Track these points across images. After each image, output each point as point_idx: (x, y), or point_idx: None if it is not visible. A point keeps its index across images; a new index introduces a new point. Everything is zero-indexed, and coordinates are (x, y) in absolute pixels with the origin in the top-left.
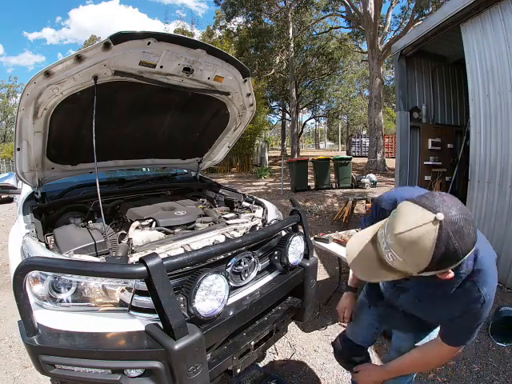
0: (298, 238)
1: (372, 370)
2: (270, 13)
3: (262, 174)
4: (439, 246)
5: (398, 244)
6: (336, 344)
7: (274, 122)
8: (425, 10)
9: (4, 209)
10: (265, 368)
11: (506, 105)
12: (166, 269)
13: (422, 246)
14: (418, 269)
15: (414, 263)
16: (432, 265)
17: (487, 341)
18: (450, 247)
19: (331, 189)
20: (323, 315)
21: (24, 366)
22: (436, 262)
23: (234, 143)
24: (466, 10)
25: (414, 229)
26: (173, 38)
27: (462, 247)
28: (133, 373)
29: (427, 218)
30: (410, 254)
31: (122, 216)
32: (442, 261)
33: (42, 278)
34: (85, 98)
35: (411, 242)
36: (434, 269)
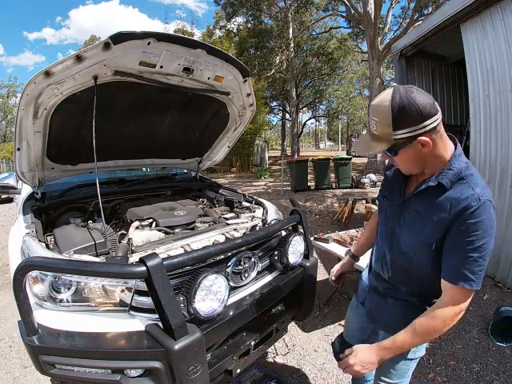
0: (298, 237)
1: (360, 350)
2: (270, 13)
3: (262, 173)
4: (394, 99)
5: (372, 110)
6: (334, 345)
7: (274, 122)
8: (425, 10)
9: (4, 209)
10: (265, 368)
11: (506, 105)
12: (166, 269)
13: (383, 103)
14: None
15: (383, 119)
16: (397, 119)
17: (487, 341)
18: (404, 103)
19: (331, 189)
20: (323, 315)
21: (24, 365)
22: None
23: (234, 143)
24: (465, 10)
25: (379, 97)
26: (173, 37)
27: (416, 106)
28: (133, 373)
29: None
30: (378, 112)
31: (122, 216)
32: (402, 115)
33: (41, 278)
34: (85, 98)
35: (377, 104)
36: (403, 126)
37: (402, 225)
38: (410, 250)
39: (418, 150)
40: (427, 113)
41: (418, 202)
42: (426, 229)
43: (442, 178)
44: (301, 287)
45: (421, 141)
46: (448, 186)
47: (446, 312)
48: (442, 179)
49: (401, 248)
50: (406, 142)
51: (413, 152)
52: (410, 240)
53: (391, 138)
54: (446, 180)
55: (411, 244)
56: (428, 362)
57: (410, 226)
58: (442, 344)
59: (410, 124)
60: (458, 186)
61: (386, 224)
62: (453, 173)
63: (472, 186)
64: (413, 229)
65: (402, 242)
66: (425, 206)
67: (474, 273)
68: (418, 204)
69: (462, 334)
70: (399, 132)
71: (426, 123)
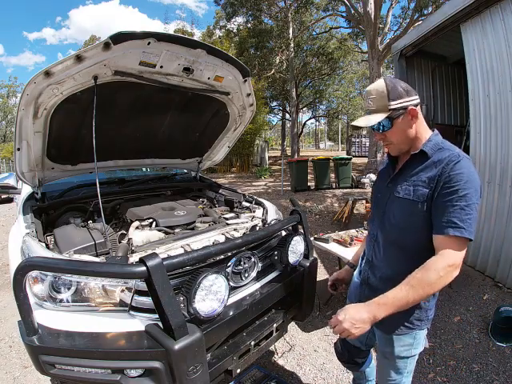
0: (298, 238)
1: (351, 306)
2: (270, 13)
3: (262, 173)
4: (386, 81)
5: (368, 92)
6: (336, 346)
7: (274, 122)
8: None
9: (4, 209)
10: (265, 368)
11: (506, 105)
12: (166, 269)
13: (378, 84)
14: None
15: (380, 94)
16: (391, 93)
17: (487, 341)
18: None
19: (331, 189)
20: (323, 315)
21: (24, 365)
22: (392, 90)
23: (234, 143)
24: (465, 9)
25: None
26: (173, 37)
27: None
28: (133, 373)
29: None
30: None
31: (122, 216)
32: (394, 90)
33: (41, 278)
34: (85, 98)
35: (373, 86)
36: (396, 97)
37: (392, 199)
38: (401, 219)
39: (408, 121)
40: (411, 91)
41: (405, 173)
42: (415, 188)
43: (424, 147)
44: (301, 287)
45: (411, 111)
46: (429, 153)
47: (439, 263)
48: (424, 147)
49: (391, 221)
50: (399, 111)
51: (405, 122)
52: (400, 206)
53: (387, 108)
54: (427, 148)
55: (401, 210)
56: (428, 362)
57: (400, 194)
58: (442, 344)
59: (400, 96)
60: (439, 152)
61: (378, 207)
62: (432, 143)
63: (451, 150)
64: (403, 193)
65: (393, 214)
66: (412, 173)
67: (463, 220)
68: (406, 174)
69: (462, 334)
70: (394, 102)
71: (412, 98)
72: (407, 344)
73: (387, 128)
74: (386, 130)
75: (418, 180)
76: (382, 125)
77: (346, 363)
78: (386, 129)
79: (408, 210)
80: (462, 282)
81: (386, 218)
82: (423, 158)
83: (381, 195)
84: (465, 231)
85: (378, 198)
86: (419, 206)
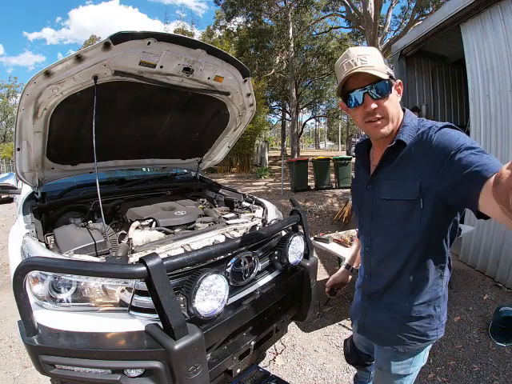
0: (298, 238)
1: None
2: (270, 13)
3: (262, 173)
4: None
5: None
6: (346, 347)
7: (274, 122)
8: (425, 9)
9: (4, 209)
10: (265, 368)
11: (506, 105)
12: (166, 269)
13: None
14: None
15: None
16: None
17: (487, 341)
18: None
19: (331, 189)
20: (323, 315)
21: (24, 365)
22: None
23: (234, 143)
24: (465, 9)
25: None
26: (173, 37)
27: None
28: (133, 373)
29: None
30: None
31: (122, 216)
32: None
33: (42, 278)
34: (85, 98)
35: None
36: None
37: (378, 203)
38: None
39: (396, 95)
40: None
41: (384, 170)
42: (402, 185)
43: (399, 136)
44: (301, 287)
45: (399, 84)
46: (407, 141)
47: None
48: (399, 137)
49: (382, 228)
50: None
51: (395, 95)
52: (390, 210)
53: (385, 71)
54: (403, 136)
55: (392, 214)
56: (428, 362)
57: (386, 196)
58: (442, 344)
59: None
60: (417, 137)
61: (362, 214)
62: (408, 128)
63: (428, 126)
64: (390, 194)
65: (382, 220)
66: (391, 168)
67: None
68: (386, 171)
69: (462, 334)
70: (388, 69)
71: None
72: (406, 362)
73: (385, 94)
74: (383, 95)
75: (402, 174)
76: (378, 89)
77: (354, 364)
78: (384, 95)
79: (401, 213)
80: (462, 282)
81: (374, 225)
82: (401, 146)
83: (362, 201)
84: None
85: (360, 204)
86: (414, 204)
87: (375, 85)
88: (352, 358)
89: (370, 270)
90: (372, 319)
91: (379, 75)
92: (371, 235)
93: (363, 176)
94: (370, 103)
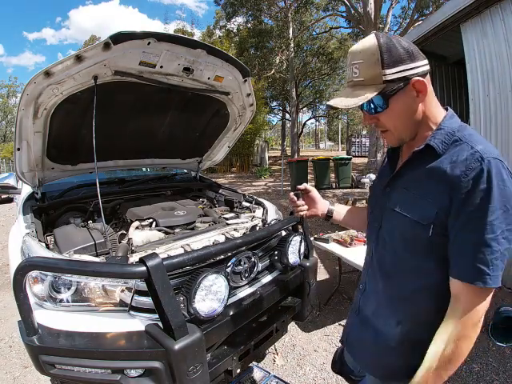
0: (298, 237)
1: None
2: (270, 13)
3: (262, 174)
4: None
5: (352, 54)
6: (336, 352)
7: (274, 122)
8: (425, 10)
9: (4, 209)
10: (265, 368)
11: (506, 105)
12: (165, 269)
13: (367, 43)
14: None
15: (369, 58)
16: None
17: (487, 341)
18: (391, 42)
19: (331, 189)
20: (323, 315)
21: (24, 365)
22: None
23: (234, 143)
24: (465, 10)
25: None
26: (173, 37)
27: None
28: (133, 373)
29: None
30: (362, 53)
31: (122, 216)
32: (391, 52)
33: (41, 278)
34: (85, 98)
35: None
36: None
37: (390, 212)
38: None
39: (412, 99)
40: (417, 53)
41: (405, 177)
42: (419, 203)
43: (431, 139)
44: (301, 287)
45: (416, 84)
46: (439, 149)
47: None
48: (431, 141)
49: (386, 241)
50: (399, 84)
51: (406, 101)
52: (398, 224)
53: (380, 79)
54: (435, 141)
55: (399, 230)
56: None
57: (397, 208)
58: None
59: (401, 61)
60: (453, 148)
61: (373, 218)
62: (443, 132)
63: (471, 145)
64: (402, 207)
65: (388, 232)
66: (414, 178)
67: (488, 263)
68: (406, 179)
69: None
70: (390, 71)
71: (419, 63)
72: None
73: (381, 109)
74: (379, 111)
75: (424, 191)
76: (372, 105)
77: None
78: (380, 110)
79: (407, 232)
80: None
81: (380, 234)
82: (431, 154)
83: (376, 202)
84: (490, 278)
85: (373, 206)
86: (423, 229)
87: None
88: (336, 366)
89: (365, 283)
90: (355, 337)
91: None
92: (375, 244)
93: (386, 174)
94: (365, 119)
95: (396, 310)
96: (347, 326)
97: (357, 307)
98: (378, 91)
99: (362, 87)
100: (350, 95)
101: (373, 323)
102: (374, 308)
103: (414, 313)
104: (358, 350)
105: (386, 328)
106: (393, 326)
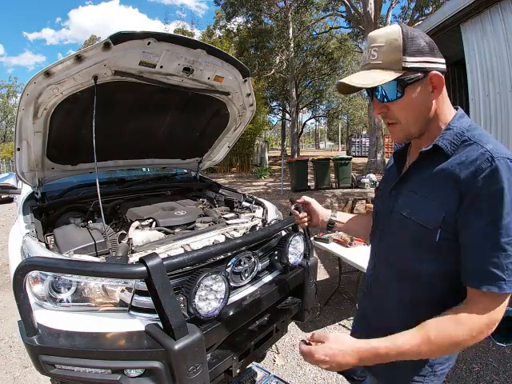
0: (298, 237)
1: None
2: (270, 13)
3: (262, 174)
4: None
5: (373, 38)
6: None
7: (274, 122)
8: (425, 9)
9: (4, 209)
10: (265, 368)
11: (506, 105)
12: (165, 269)
13: (390, 29)
14: (398, 50)
15: (391, 42)
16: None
17: (487, 341)
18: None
19: (331, 189)
20: (323, 315)
21: (24, 365)
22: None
23: (234, 143)
24: (465, 9)
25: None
26: (173, 37)
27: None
28: (133, 373)
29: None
30: (383, 36)
31: (122, 216)
32: (413, 41)
33: (42, 278)
34: (85, 98)
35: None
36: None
37: (395, 215)
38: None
39: (427, 94)
40: (436, 49)
41: (412, 179)
42: (426, 207)
43: (439, 140)
44: (301, 287)
45: (434, 78)
46: (447, 149)
47: (474, 321)
48: (439, 141)
49: (390, 243)
50: (417, 74)
51: (422, 94)
52: (404, 228)
53: (400, 66)
54: (443, 141)
55: (405, 234)
56: None
57: (403, 211)
58: None
59: (422, 53)
60: (463, 149)
61: (377, 219)
62: (452, 133)
63: (480, 144)
64: (408, 211)
65: (393, 235)
66: (421, 180)
67: (502, 267)
68: (413, 182)
69: None
70: (411, 59)
71: (438, 59)
72: None
73: (395, 96)
74: (392, 99)
75: (431, 194)
76: (387, 91)
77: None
78: (394, 98)
79: (413, 236)
80: None
81: (385, 236)
82: (440, 155)
83: (382, 206)
84: (505, 284)
85: (377, 207)
86: (429, 233)
87: (380, 86)
88: None
89: (369, 286)
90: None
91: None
92: (378, 246)
93: (392, 176)
94: (375, 107)
95: (402, 315)
96: (354, 330)
97: (362, 311)
98: (396, 76)
99: (380, 70)
100: (365, 76)
101: (379, 327)
102: (380, 312)
103: (421, 317)
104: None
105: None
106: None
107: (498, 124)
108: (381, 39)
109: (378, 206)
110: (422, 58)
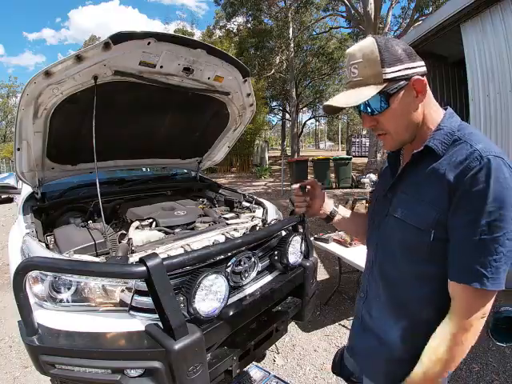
0: (298, 237)
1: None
2: (270, 13)
3: (262, 173)
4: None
5: (351, 55)
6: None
7: (274, 122)
8: (425, 9)
9: (4, 209)
10: (265, 368)
11: (506, 105)
12: (166, 269)
13: (365, 43)
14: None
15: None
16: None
17: (487, 341)
18: (389, 43)
19: (331, 189)
20: (323, 315)
21: (24, 365)
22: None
23: (234, 143)
24: (465, 9)
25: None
26: (173, 37)
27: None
28: (133, 373)
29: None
30: (360, 51)
31: (122, 216)
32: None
33: (41, 278)
34: (85, 98)
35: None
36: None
37: (389, 217)
38: (398, 248)
39: (411, 99)
40: (413, 54)
41: (406, 181)
42: (418, 208)
43: (430, 140)
44: (301, 287)
45: (416, 83)
46: (438, 150)
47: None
48: (430, 142)
49: (385, 246)
50: (399, 83)
51: (407, 101)
52: (398, 230)
53: (381, 78)
54: (434, 142)
55: (399, 237)
56: None
57: (397, 213)
58: None
59: (400, 60)
60: (453, 148)
61: (373, 222)
62: (443, 133)
63: (470, 144)
64: (401, 213)
65: (388, 238)
66: (413, 181)
67: (485, 264)
68: (406, 183)
69: None
70: (390, 69)
71: (417, 64)
72: None
73: (381, 109)
74: (379, 111)
75: (423, 195)
76: (372, 105)
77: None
78: (380, 110)
79: (408, 239)
80: None
81: (380, 241)
82: (431, 156)
83: (377, 208)
84: (488, 280)
85: (373, 212)
86: (424, 235)
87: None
88: (336, 368)
89: (366, 290)
90: (359, 346)
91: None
92: (374, 249)
93: (387, 179)
94: (364, 122)
95: (398, 319)
96: (351, 335)
97: (359, 315)
98: (378, 90)
99: (363, 87)
100: (349, 95)
101: (375, 332)
102: (376, 316)
103: (417, 321)
104: (362, 359)
105: (388, 337)
106: (395, 334)
107: (498, 124)
108: (358, 54)
109: (372, 210)
110: (401, 66)
